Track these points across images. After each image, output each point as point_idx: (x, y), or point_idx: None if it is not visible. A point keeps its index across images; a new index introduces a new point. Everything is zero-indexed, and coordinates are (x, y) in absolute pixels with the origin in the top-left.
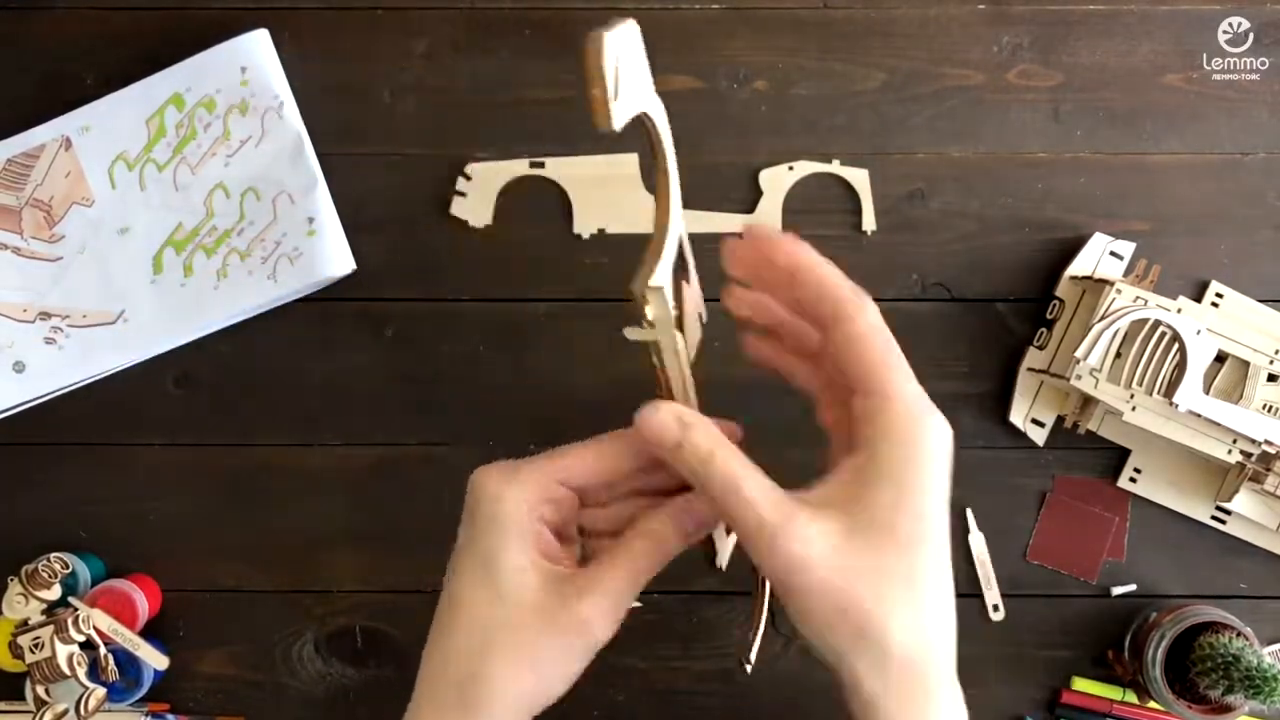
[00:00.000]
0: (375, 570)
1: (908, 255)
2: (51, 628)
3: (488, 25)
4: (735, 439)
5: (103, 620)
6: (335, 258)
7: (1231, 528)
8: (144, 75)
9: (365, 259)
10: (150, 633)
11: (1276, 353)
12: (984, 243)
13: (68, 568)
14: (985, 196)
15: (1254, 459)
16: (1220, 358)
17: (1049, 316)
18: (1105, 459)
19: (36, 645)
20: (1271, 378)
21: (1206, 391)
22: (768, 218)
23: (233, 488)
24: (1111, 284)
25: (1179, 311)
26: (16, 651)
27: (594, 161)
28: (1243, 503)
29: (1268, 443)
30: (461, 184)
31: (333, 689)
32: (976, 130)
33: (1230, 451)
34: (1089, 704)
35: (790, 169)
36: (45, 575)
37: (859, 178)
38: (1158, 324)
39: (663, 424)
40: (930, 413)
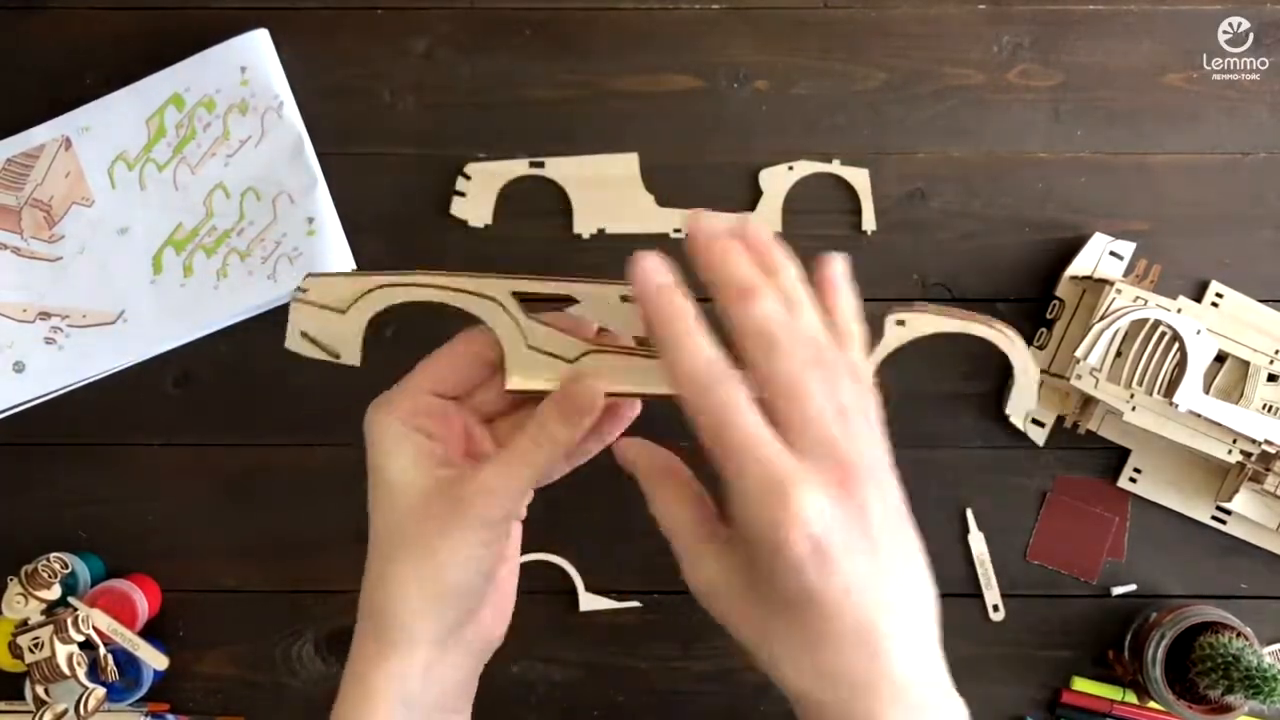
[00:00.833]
0: None
1: (908, 255)
2: (51, 628)
3: (488, 25)
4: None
5: (102, 620)
6: (335, 258)
7: (1231, 528)
8: (144, 75)
9: (365, 259)
10: (150, 633)
11: (1276, 353)
12: (984, 243)
13: (67, 568)
14: (985, 196)
15: (1254, 459)
16: (1220, 358)
17: (1049, 316)
18: (1105, 459)
19: (36, 645)
20: (1271, 378)
21: (1206, 391)
22: (768, 218)
23: (233, 488)
24: (1111, 284)
25: (1179, 311)
26: (16, 651)
27: (594, 161)
28: (1243, 503)
29: (1268, 442)
30: (461, 184)
31: (333, 689)
32: (976, 130)
33: (1230, 451)
34: (1089, 704)
35: (790, 169)
36: (45, 575)
37: (859, 178)
38: (1158, 324)
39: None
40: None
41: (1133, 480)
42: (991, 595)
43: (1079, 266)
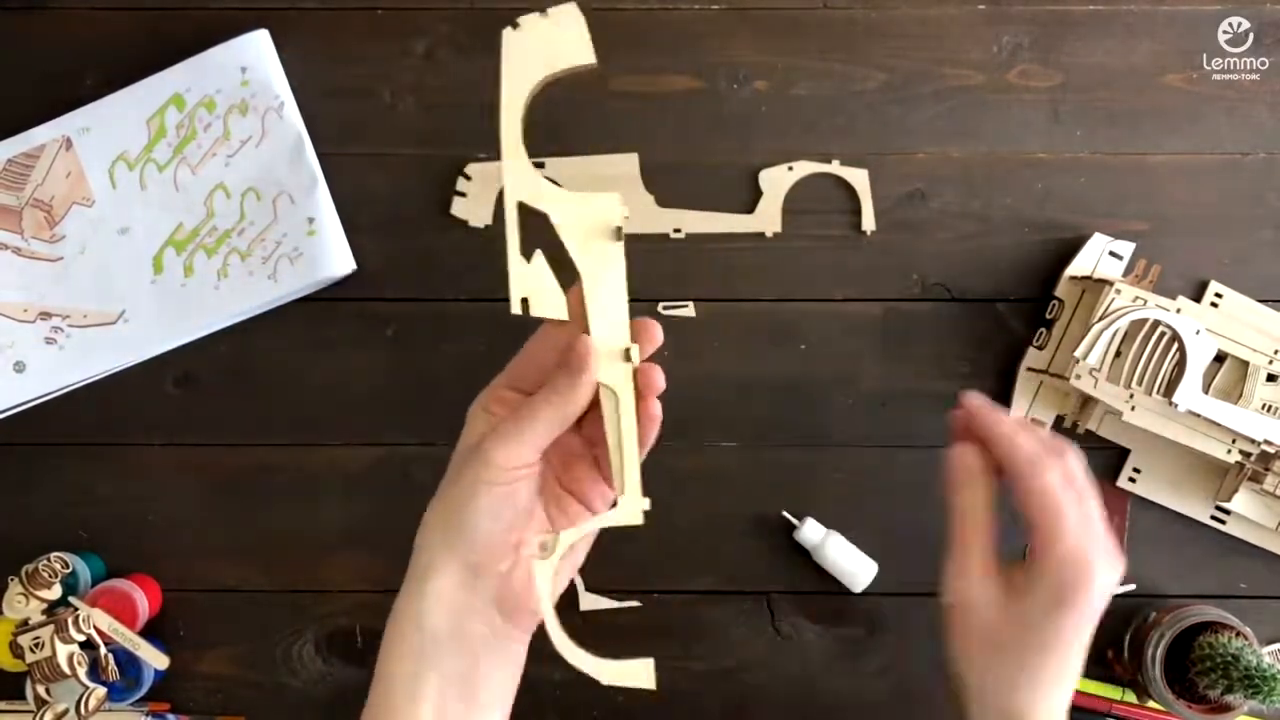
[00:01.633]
0: (375, 570)
1: (908, 255)
2: (52, 627)
3: (488, 25)
4: (654, 339)
5: (103, 620)
6: (335, 258)
7: (1231, 527)
8: (144, 75)
9: (365, 259)
10: (150, 633)
11: (1276, 353)
12: (984, 243)
13: (68, 567)
14: (985, 196)
15: (1253, 459)
16: (1219, 357)
17: (1049, 316)
18: (1105, 459)
19: (37, 645)
20: (1271, 377)
21: (1206, 391)
22: (768, 217)
23: (233, 488)
24: (1111, 284)
25: (1178, 311)
26: (17, 651)
27: (594, 161)
28: (1242, 502)
29: (1267, 442)
30: (461, 184)
31: (333, 689)
32: (976, 130)
33: (1229, 451)
34: (1089, 704)
35: (790, 169)
36: (45, 575)
37: (859, 178)
38: (1157, 324)
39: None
40: (1091, 561)
41: (1132, 480)
42: None
43: (1078, 266)
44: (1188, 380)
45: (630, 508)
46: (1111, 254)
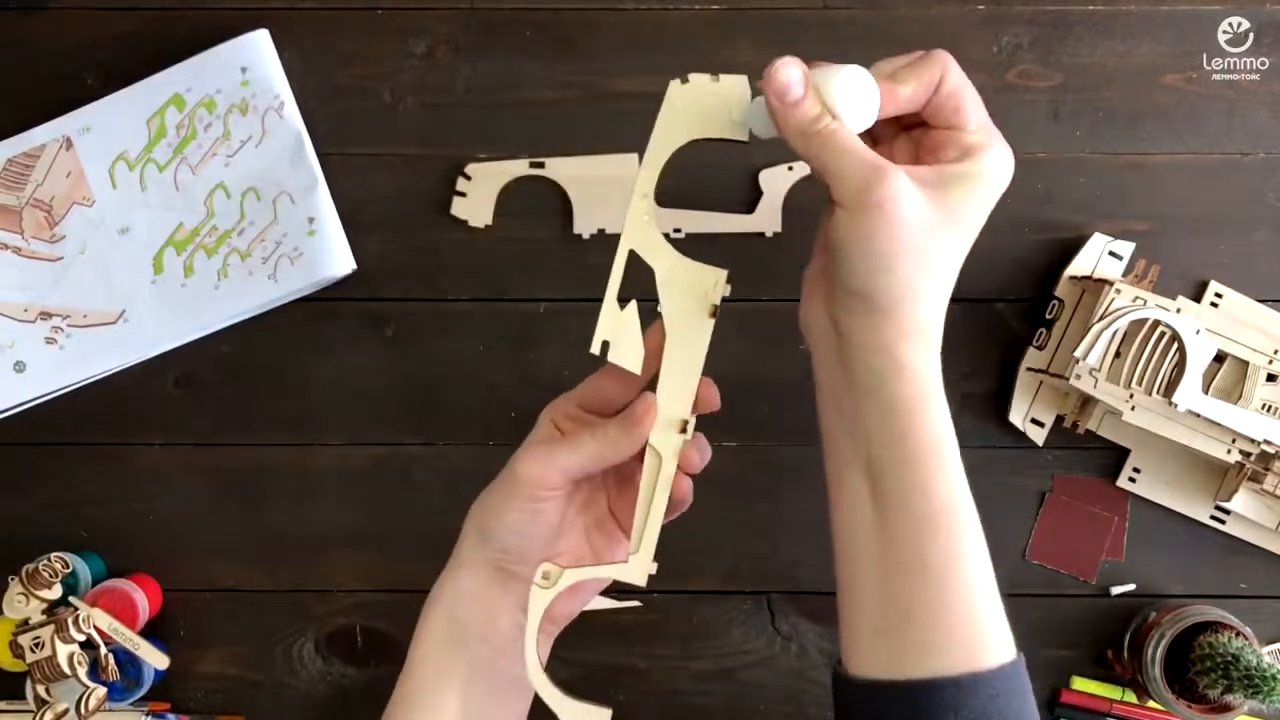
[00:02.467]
0: (375, 570)
1: None
2: (52, 627)
3: (488, 25)
4: (713, 405)
5: (103, 620)
6: (335, 258)
7: (1231, 527)
8: (144, 75)
9: (365, 259)
10: (150, 632)
11: (1276, 352)
12: (984, 243)
13: (68, 567)
14: None
15: (1253, 458)
16: (1219, 357)
17: (1049, 316)
18: (1104, 459)
19: (37, 645)
20: (1270, 377)
21: (1205, 391)
22: (768, 218)
23: (233, 488)
24: (1111, 284)
25: (1178, 311)
26: (17, 651)
27: (594, 161)
28: (1242, 502)
29: (1266, 442)
30: (461, 184)
31: (333, 689)
32: None
33: (1229, 451)
34: (1089, 703)
35: (790, 169)
36: (46, 575)
37: None
38: (1157, 324)
39: (789, 80)
40: (1001, 141)
41: (1132, 480)
42: None
43: (1078, 266)
44: (1188, 380)
45: (638, 568)
46: (1111, 254)
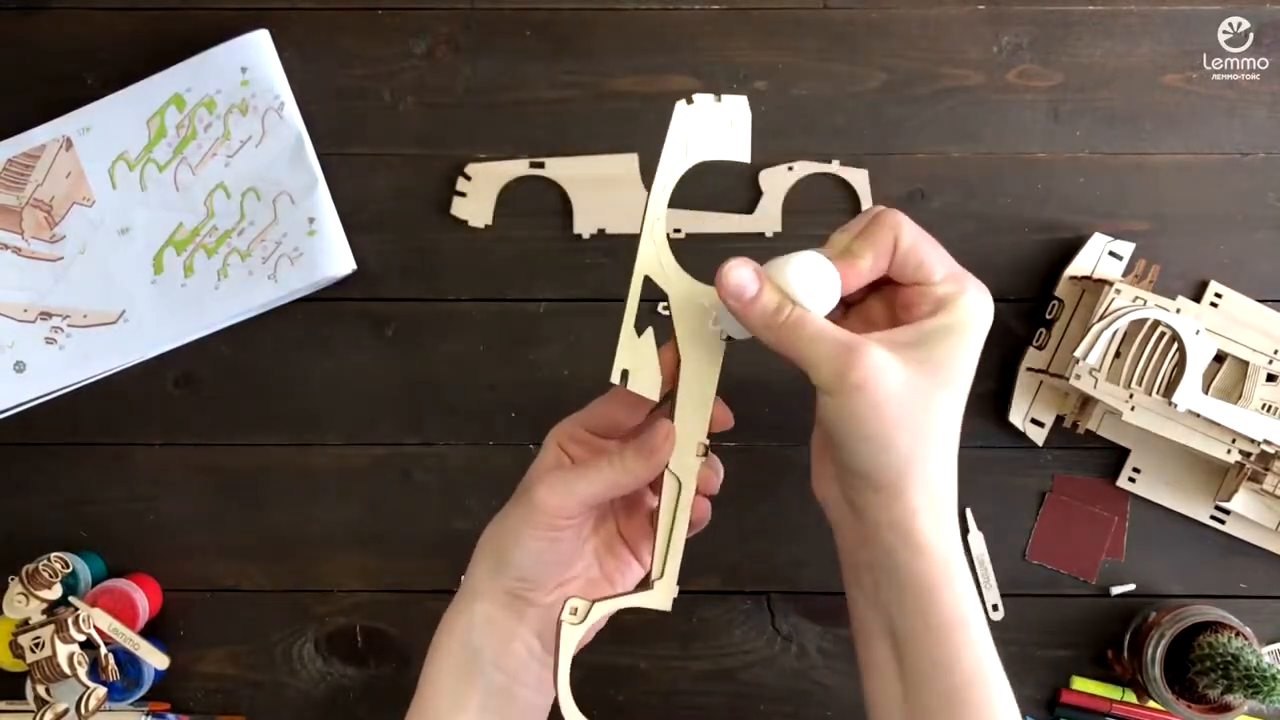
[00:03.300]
0: (375, 570)
1: None
2: (52, 627)
3: (488, 25)
4: (727, 425)
5: (103, 620)
6: (335, 258)
7: (1231, 527)
8: (144, 75)
9: (365, 259)
10: (150, 632)
11: (1276, 352)
12: (984, 243)
13: (68, 567)
14: (985, 196)
15: (1253, 458)
16: (1219, 357)
17: (1048, 316)
18: (1104, 459)
19: (37, 645)
20: (1270, 377)
21: (1205, 391)
22: (768, 218)
23: (233, 488)
24: (1111, 284)
25: (1178, 311)
26: (17, 651)
27: (594, 161)
28: (1242, 502)
29: (1266, 442)
30: (461, 184)
31: (333, 689)
32: (976, 130)
33: (1229, 451)
34: (1089, 703)
35: (790, 169)
36: (45, 575)
37: (859, 178)
38: (1157, 324)
39: (741, 280)
40: (974, 284)
41: (1132, 480)
42: (991, 595)
43: (1078, 266)
44: (1188, 380)
45: (664, 594)
46: (1111, 254)
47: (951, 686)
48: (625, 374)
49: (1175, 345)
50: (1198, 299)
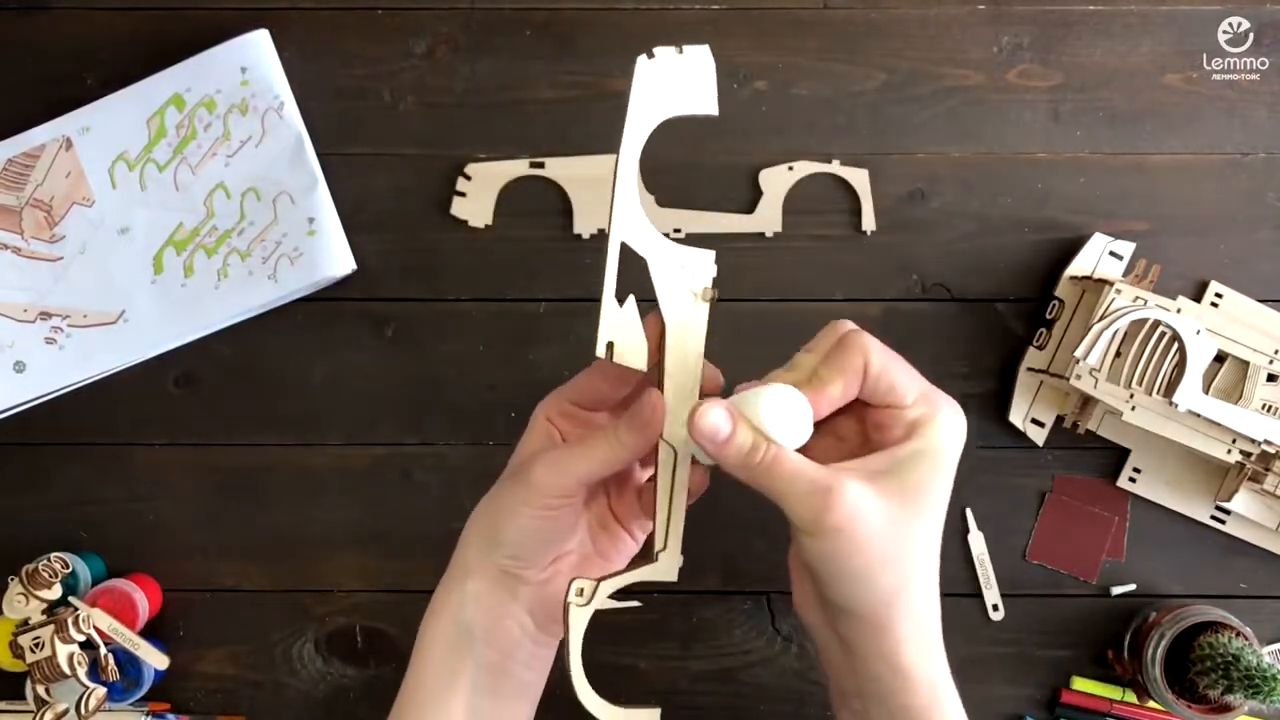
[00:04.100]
0: (375, 570)
1: (908, 255)
2: (52, 627)
3: (488, 25)
4: (717, 385)
5: (103, 620)
6: (335, 258)
7: (1231, 527)
8: (144, 75)
9: (365, 259)
10: (150, 633)
11: (1276, 353)
12: (984, 243)
13: (68, 567)
14: (985, 196)
15: (1253, 459)
16: (1220, 357)
17: (1049, 316)
18: (1105, 459)
19: (37, 645)
20: (1271, 377)
21: (1206, 391)
22: (768, 217)
23: (233, 488)
24: (1111, 284)
25: (1178, 311)
26: (17, 651)
27: (594, 161)
28: (1242, 502)
29: (1267, 442)
30: (461, 184)
31: (333, 689)
32: (976, 130)
33: (1230, 451)
34: (1089, 704)
35: (790, 169)
36: (45, 575)
37: (859, 178)
38: (1157, 324)
39: (715, 423)
40: (946, 405)
41: (1132, 480)
42: (991, 595)
43: (1078, 266)
44: (1188, 380)
45: (668, 564)
46: (1111, 254)
47: None
48: (610, 346)
49: (1175, 345)
50: (1198, 299)
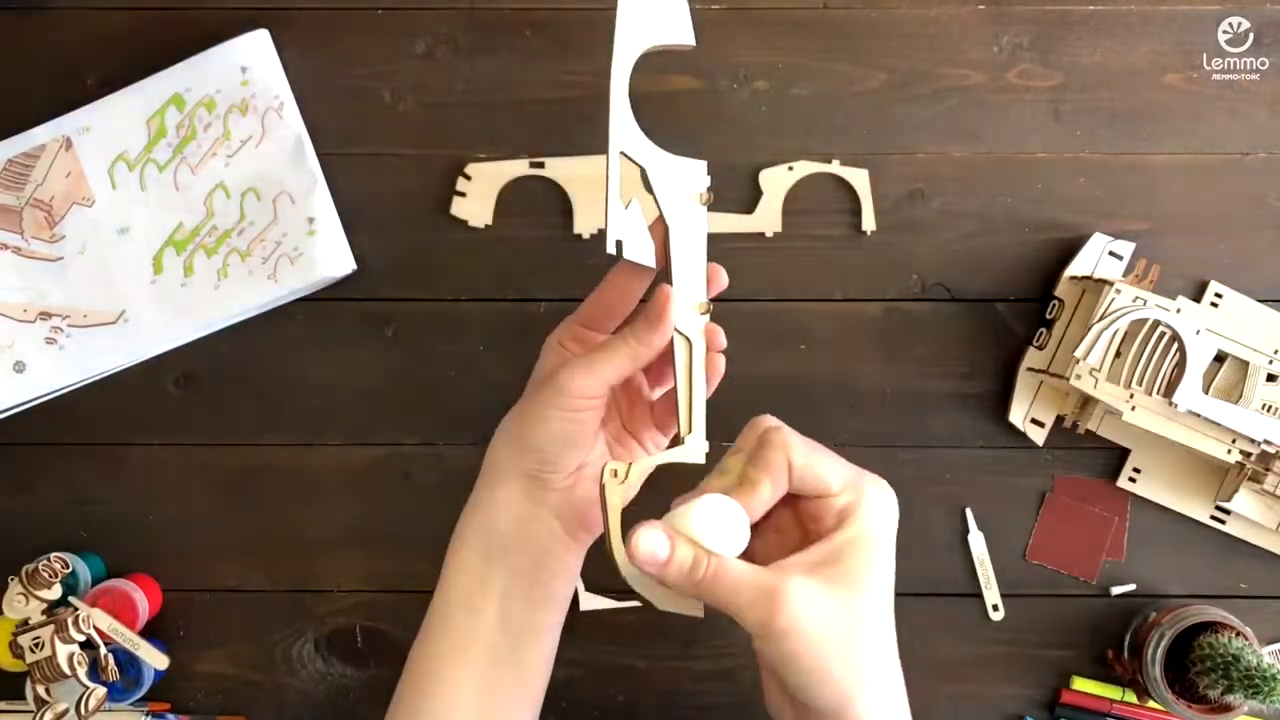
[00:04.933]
0: (375, 570)
1: (908, 255)
2: (52, 627)
3: (488, 25)
4: (723, 284)
5: (103, 620)
6: (335, 258)
7: (1231, 527)
8: (144, 75)
9: (365, 259)
10: (150, 633)
11: (1276, 352)
12: (984, 243)
13: (68, 567)
14: (985, 196)
15: (1253, 458)
16: (1219, 357)
17: (1049, 316)
18: (1105, 459)
19: (37, 645)
20: (1271, 377)
21: (1206, 391)
22: (768, 218)
23: (233, 488)
24: (1111, 284)
25: (1178, 311)
26: (17, 651)
27: (594, 161)
28: (1242, 502)
29: (1267, 442)
30: (461, 184)
31: (333, 689)
32: (976, 130)
33: (1229, 451)
34: (1089, 704)
35: (790, 169)
36: (45, 575)
37: (859, 178)
38: (1157, 324)
39: (652, 547)
40: (871, 486)
41: (1132, 480)
42: (991, 595)
43: (1078, 266)
44: (1188, 380)
45: (695, 447)
46: (1111, 254)
47: None
48: (620, 244)
49: (1175, 345)
50: (1198, 299)
